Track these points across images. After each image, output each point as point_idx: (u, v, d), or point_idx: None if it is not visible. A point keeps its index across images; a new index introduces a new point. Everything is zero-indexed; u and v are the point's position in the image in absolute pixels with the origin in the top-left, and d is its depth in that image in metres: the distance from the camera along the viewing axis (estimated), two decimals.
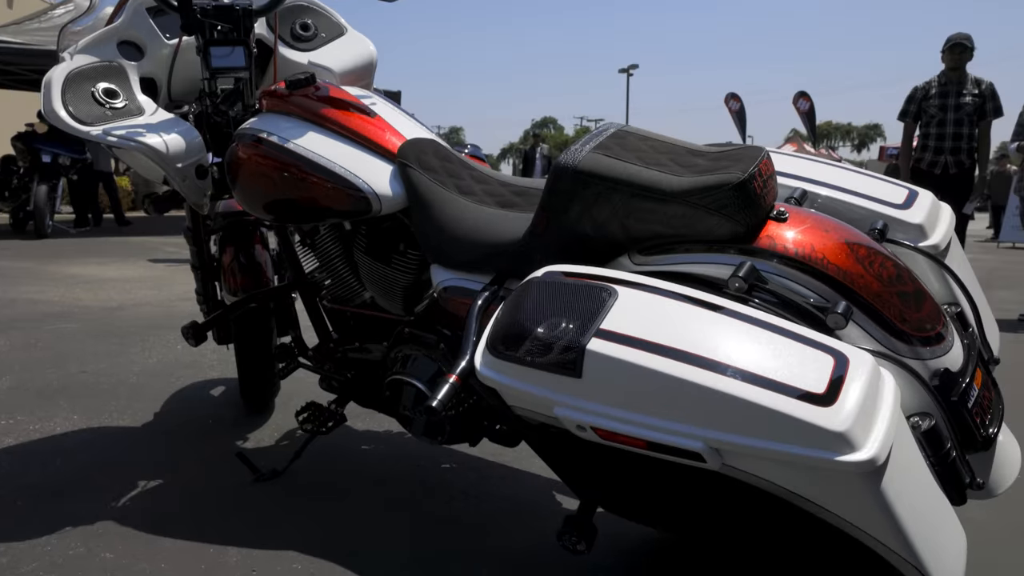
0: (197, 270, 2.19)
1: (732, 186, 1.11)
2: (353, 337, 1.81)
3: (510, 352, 1.08)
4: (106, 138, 1.57)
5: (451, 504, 1.75)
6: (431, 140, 1.63)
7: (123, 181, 12.16)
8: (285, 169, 1.57)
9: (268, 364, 2.22)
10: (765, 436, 0.90)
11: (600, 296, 1.07)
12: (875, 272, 1.10)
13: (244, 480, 1.83)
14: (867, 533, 0.91)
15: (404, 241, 1.66)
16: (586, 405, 1.01)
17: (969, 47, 4.68)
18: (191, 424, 2.24)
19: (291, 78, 1.64)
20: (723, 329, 0.99)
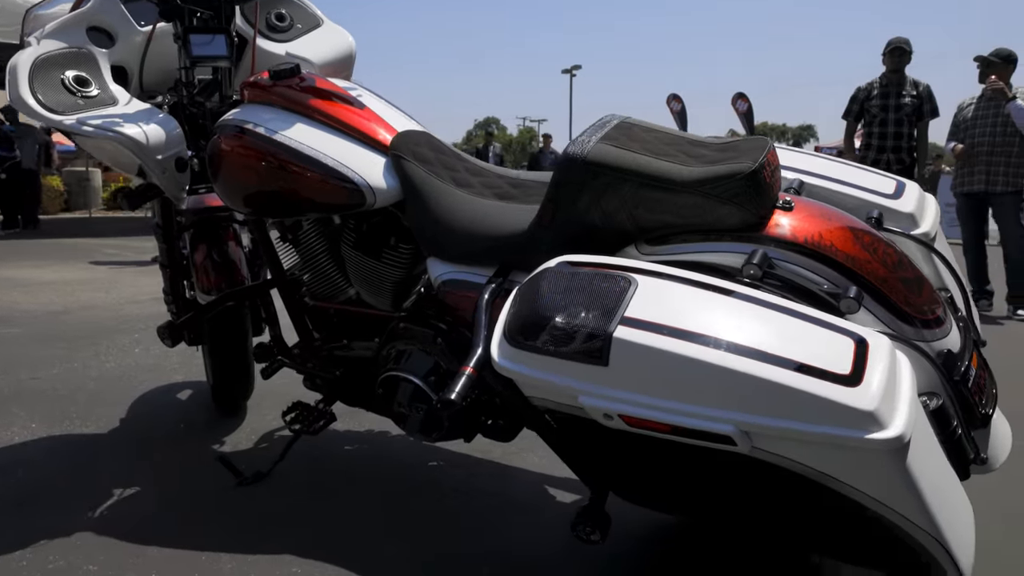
0: (166, 268, 2.10)
1: (744, 175, 1.13)
2: (339, 334, 1.77)
3: (530, 342, 1.07)
4: (81, 128, 1.48)
5: (443, 502, 1.72)
6: (424, 132, 1.60)
7: (54, 180, 11.58)
8: (273, 161, 1.52)
9: (243, 365, 2.15)
10: (796, 417, 0.91)
11: (619, 284, 1.08)
12: (880, 258, 1.14)
13: (226, 484, 1.77)
14: (892, 509, 0.93)
15: (395, 235, 1.63)
16: (613, 393, 1.01)
17: (908, 51, 4.90)
18: (161, 429, 2.14)
19: (275, 68, 1.59)
20: (745, 314, 1.01)
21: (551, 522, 1.64)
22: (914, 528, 0.94)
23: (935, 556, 0.96)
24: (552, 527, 1.61)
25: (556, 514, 1.68)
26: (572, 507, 1.71)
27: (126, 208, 1.78)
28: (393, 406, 1.57)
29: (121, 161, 1.65)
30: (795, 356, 0.94)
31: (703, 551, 1.50)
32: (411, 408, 1.54)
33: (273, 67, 1.60)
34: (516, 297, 1.17)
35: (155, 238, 2.06)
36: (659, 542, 1.55)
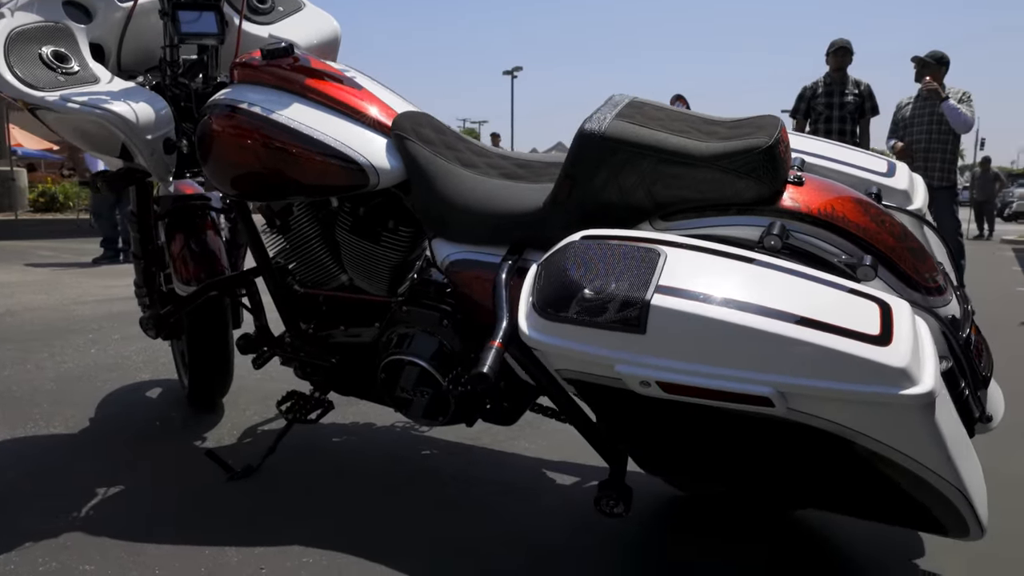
0: (139, 259, 2.01)
1: (761, 150, 1.16)
2: (332, 322, 1.73)
3: (563, 314, 1.07)
4: (65, 105, 1.41)
5: (444, 490, 1.71)
6: (425, 113, 1.58)
7: None
8: (271, 142, 1.48)
9: (224, 359, 2.08)
10: (834, 377, 0.95)
11: (648, 256, 1.09)
12: (888, 229, 1.19)
13: (217, 479, 1.70)
14: (921, 464, 0.98)
15: (393, 218, 1.60)
16: (651, 360, 1.02)
17: (850, 51, 5.12)
18: (135, 427, 2.05)
19: (268, 48, 1.55)
20: (774, 281, 1.03)
21: (552, 506, 1.64)
22: (940, 481, 0.99)
23: (957, 507, 1.00)
24: (553, 511, 1.61)
25: (556, 498, 1.68)
26: (572, 490, 1.72)
27: (106, 192, 1.69)
28: (396, 391, 1.55)
29: (101, 142, 1.57)
30: (828, 319, 0.98)
31: (703, 534, 1.53)
32: (416, 392, 1.52)
33: (265, 47, 1.56)
34: (541, 272, 1.17)
35: (128, 227, 1.97)
36: (664, 521, 1.57)
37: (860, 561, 1.39)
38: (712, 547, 1.43)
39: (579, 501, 1.66)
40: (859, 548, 1.44)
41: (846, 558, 1.41)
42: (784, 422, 1.02)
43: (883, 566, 1.37)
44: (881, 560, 1.40)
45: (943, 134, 4.72)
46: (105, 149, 1.62)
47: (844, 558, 1.41)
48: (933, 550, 1.42)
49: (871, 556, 1.41)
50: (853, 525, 1.51)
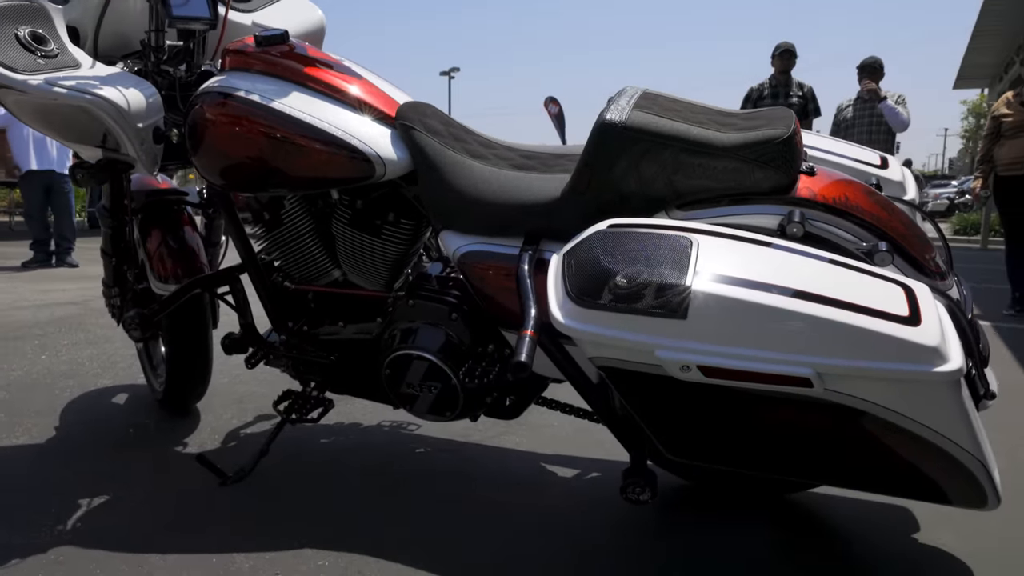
0: (110, 256, 1.91)
1: (781, 140, 1.19)
2: (326, 318, 1.68)
3: (600, 301, 1.08)
4: (51, 89, 1.32)
5: (446, 487, 1.68)
6: (428, 104, 1.56)
7: None
8: (271, 132, 1.43)
9: (204, 361, 1.99)
10: (870, 357, 0.98)
11: (681, 243, 1.11)
12: (898, 217, 1.24)
13: (209, 486, 1.63)
14: (947, 437, 1.02)
15: (394, 210, 1.57)
16: (692, 345, 1.04)
17: (794, 54, 5.32)
18: (108, 435, 1.94)
19: (261, 35, 1.49)
20: (804, 266, 1.07)
21: (556, 500, 1.64)
22: (963, 453, 1.03)
23: (978, 478, 1.05)
24: (558, 505, 1.62)
25: (559, 492, 1.68)
26: (574, 484, 1.73)
27: (87, 185, 1.59)
28: (401, 387, 1.52)
29: (80, 130, 1.47)
30: (861, 301, 1.01)
31: (705, 520, 1.56)
32: (423, 387, 1.49)
33: (259, 33, 1.50)
34: (570, 261, 1.17)
35: (100, 221, 1.86)
36: (670, 510, 1.60)
37: (858, 541, 1.45)
38: (716, 531, 1.47)
39: (583, 494, 1.67)
40: (854, 527, 1.50)
41: (845, 540, 1.46)
42: (816, 402, 1.05)
43: (878, 543, 1.44)
44: (877, 538, 1.46)
45: (882, 134, 4.97)
46: (81, 138, 1.53)
47: (843, 539, 1.46)
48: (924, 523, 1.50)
49: (866, 535, 1.47)
50: (847, 504, 1.57)
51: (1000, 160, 4.26)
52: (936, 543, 1.42)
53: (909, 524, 1.50)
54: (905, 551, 1.40)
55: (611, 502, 1.61)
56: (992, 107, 4.50)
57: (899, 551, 1.40)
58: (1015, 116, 4.19)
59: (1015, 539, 1.43)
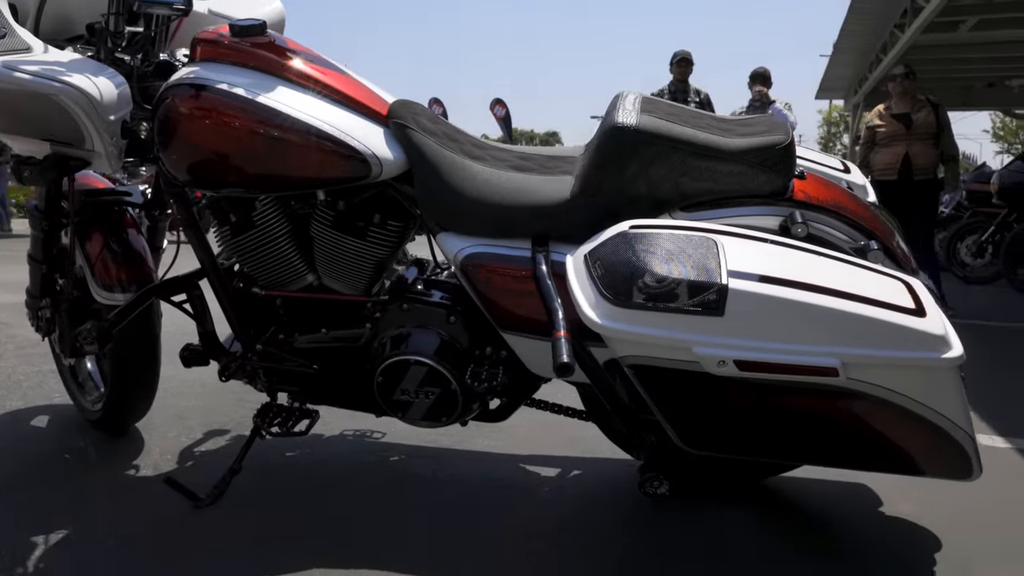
0: (39, 263, 1.71)
1: (784, 146, 1.27)
2: (306, 325, 1.59)
3: (638, 300, 1.10)
4: (11, 75, 1.16)
5: (434, 492, 1.65)
6: (418, 103, 1.52)
7: None
8: (258, 129, 1.34)
9: (152, 376, 1.82)
10: (889, 346, 1.07)
11: (705, 243, 1.15)
12: (876, 217, 1.36)
13: (182, 510, 1.50)
14: (946, 417, 1.13)
15: (380, 211, 1.52)
16: (729, 341, 1.09)
17: (691, 62, 5.62)
18: (41, 464, 1.74)
19: (238, 24, 1.40)
20: (822, 263, 1.14)
21: (548, 497, 1.66)
22: (957, 431, 1.14)
23: (968, 453, 1.17)
24: (551, 502, 1.64)
25: (546, 492, 1.70)
26: (560, 481, 1.75)
27: (37, 183, 1.42)
28: (395, 395, 1.48)
29: (29, 121, 1.31)
30: (875, 296, 1.10)
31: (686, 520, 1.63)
32: (420, 393, 1.46)
33: (234, 22, 1.40)
34: (596, 262, 1.19)
35: (30, 224, 1.66)
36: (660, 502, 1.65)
37: (834, 519, 1.57)
38: (701, 519, 1.54)
39: (569, 492, 1.70)
40: (826, 507, 1.62)
41: (821, 518, 1.58)
42: (835, 390, 1.12)
43: (851, 519, 1.56)
44: (848, 514, 1.59)
45: None
46: (27, 129, 1.37)
47: (820, 518, 1.58)
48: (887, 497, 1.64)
49: (838, 512, 1.60)
50: (815, 486, 1.69)
51: (875, 166, 4.71)
52: (900, 514, 1.56)
53: (872, 499, 1.63)
54: (875, 524, 1.53)
55: (598, 498, 1.64)
56: (867, 118, 4.97)
57: (870, 525, 1.53)
58: (887, 126, 4.65)
59: (969, 507, 1.58)
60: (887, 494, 1.64)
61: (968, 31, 7.84)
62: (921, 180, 4.48)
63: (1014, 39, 8.13)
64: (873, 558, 1.40)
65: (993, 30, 7.83)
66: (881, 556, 1.41)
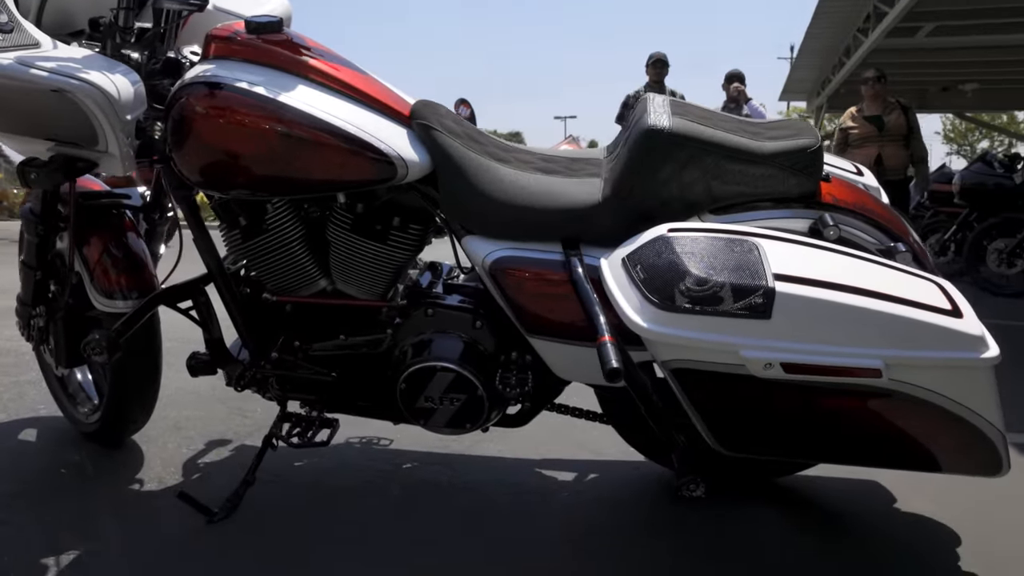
0: (33, 269, 1.63)
1: (815, 149, 1.28)
2: (319, 332, 1.55)
3: (686, 304, 1.10)
4: (27, 71, 1.10)
5: (454, 499, 1.62)
6: (439, 103, 1.49)
7: None
8: (280, 129, 1.30)
9: (154, 385, 1.75)
10: (931, 347, 1.08)
11: (746, 246, 1.15)
12: (900, 219, 1.38)
13: (196, 525, 1.45)
14: (980, 415, 1.14)
15: (399, 214, 1.48)
16: (776, 344, 1.09)
17: (667, 63, 5.68)
18: (38, 480, 1.66)
19: (253, 19, 1.35)
20: (860, 266, 1.15)
21: (570, 501, 1.65)
22: (991, 429, 1.16)
23: (999, 450, 1.19)
24: (577, 505, 1.63)
25: (569, 494, 1.69)
26: (579, 485, 1.74)
27: (42, 187, 1.34)
28: (418, 402, 1.45)
29: (36, 121, 1.25)
30: (914, 297, 1.11)
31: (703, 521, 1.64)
32: (445, 400, 1.43)
33: (249, 18, 1.35)
34: (636, 265, 1.18)
35: (24, 228, 1.59)
36: None
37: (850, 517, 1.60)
38: (717, 520, 1.54)
39: (589, 495, 1.69)
40: (841, 505, 1.65)
41: (837, 518, 1.60)
42: (875, 391, 1.13)
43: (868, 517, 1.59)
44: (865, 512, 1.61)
45: None
46: (28, 129, 1.30)
47: (836, 517, 1.60)
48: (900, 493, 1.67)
49: (854, 510, 1.62)
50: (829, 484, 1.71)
51: None
52: (916, 510, 1.59)
53: (886, 496, 1.66)
54: (893, 521, 1.56)
55: (617, 501, 1.64)
56: (840, 120, 5.09)
57: (889, 522, 1.55)
58: (860, 128, 4.77)
59: (982, 501, 1.61)
60: (900, 490, 1.67)
61: (925, 36, 8.10)
62: (892, 180, 4.60)
63: (968, 45, 8.44)
64: (895, 554, 1.42)
65: (948, 36, 8.11)
66: (903, 552, 1.43)
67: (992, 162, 5.83)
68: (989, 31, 7.85)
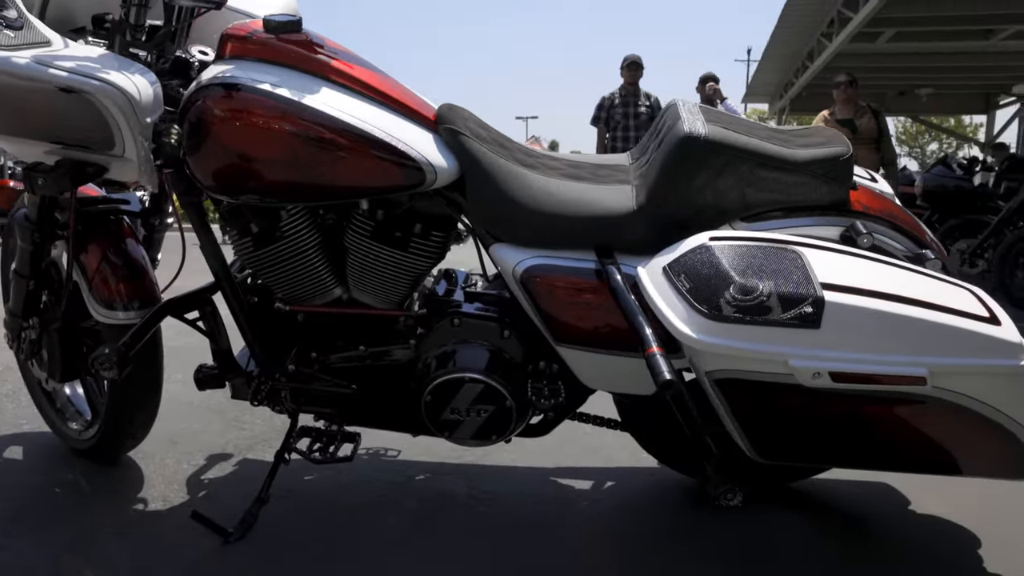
0: (26, 279, 1.54)
1: (847, 157, 1.29)
2: (334, 342, 1.50)
3: (736, 315, 1.09)
4: (46, 71, 1.03)
5: (472, 512, 1.59)
6: (463, 107, 1.45)
7: None
8: (307, 134, 1.25)
9: (155, 398, 1.67)
10: (974, 354, 1.09)
11: (789, 255, 1.15)
12: (922, 226, 1.40)
13: (211, 546, 1.39)
14: (1016, 421, 1.16)
15: (422, 222, 1.44)
16: (825, 353, 1.08)
17: (641, 66, 5.72)
18: (31, 499, 1.57)
19: (273, 19, 1.29)
20: (899, 274, 1.16)
21: (594, 510, 1.63)
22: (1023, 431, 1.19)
23: None
24: (600, 514, 1.61)
25: (591, 502, 1.67)
26: (599, 493, 1.72)
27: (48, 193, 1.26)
28: (444, 414, 1.41)
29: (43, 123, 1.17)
30: (954, 305, 1.12)
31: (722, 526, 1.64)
32: (472, 412, 1.40)
33: (268, 17, 1.30)
34: (680, 275, 1.16)
35: (18, 236, 1.50)
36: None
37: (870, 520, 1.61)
38: (736, 524, 1.55)
39: (609, 502, 1.67)
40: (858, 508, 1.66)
41: (855, 521, 1.62)
42: (918, 399, 1.14)
43: (886, 520, 1.61)
44: (882, 514, 1.63)
45: None
46: (30, 131, 1.22)
47: (854, 521, 1.62)
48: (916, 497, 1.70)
49: (871, 513, 1.64)
50: (842, 487, 1.73)
51: None
52: (932, 512, 1.62)
53: (900, 499, 1.69)
54: (910, 524, 1.58)
55: (637, 508, 1.63)
56: (813, 123, 5.19)
57: (906, 525, 1.57)
58: None
59: (996, 502, 1.64)
60: (913, 493, 1.69)
61: (886, 42, 8.34)
62: None
63: (925, 51, 8.71)
64: (916, 557, 1.44)
65: (907, 42, 8.36)
66: (922, 554, 1.45)
67: (952, 165, 6.03)
68: (944, 38, 8.12)
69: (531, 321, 1.38)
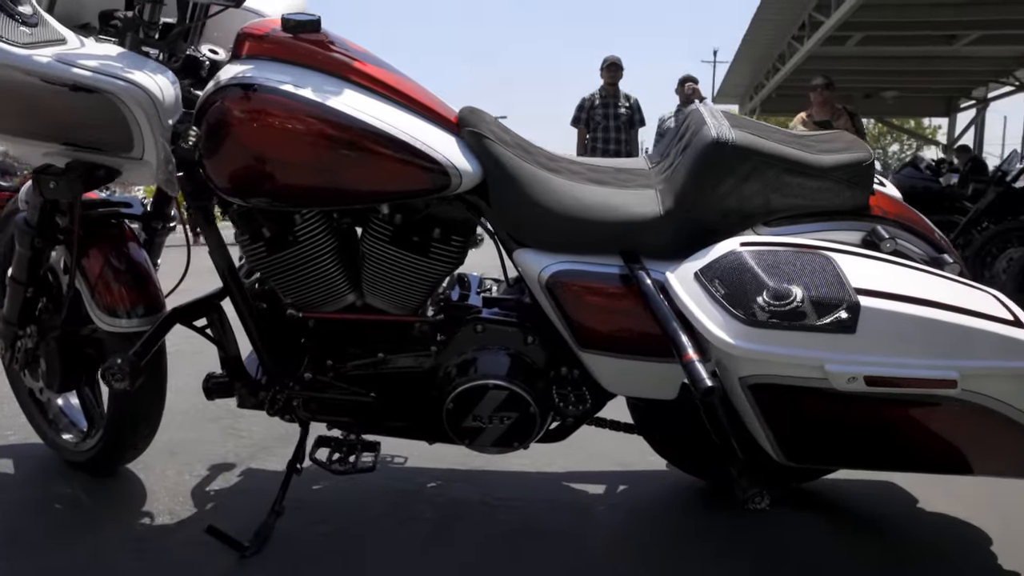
0: (23, 286, 1.48)
1: (869, 163, 1.30)
2: (349, 349, 1.47)
3: (768, 320, 1.09)
4: (69, 70, 0.98)
5: (491, 519, 1.57)
6: (484, 110, 1.43)
7: None
8: (327, 135, 1.22)
9: (159, 408, 1.62)
10: (1002, 357, 1.11)
11: (820, 260, 1.16)
12: (936, 230, 1.42)
13: (223, 561, 1.34)
14: None
15: (441, 226, 1.42)
16: (860, 358, 1.09)
17: (621, 67, 5.76)
18: (33, 516, 1.52)
19: (292, 17, 1.26)
20: (926, 279, 1.18)
21: (610, 516, 1.63)
22: None
23: None
24: (617, 521, 1.61)
25: (605, 508, 1.67)
26: (613, 498, 1.72)
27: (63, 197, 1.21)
28: (466, 421, 1.39)
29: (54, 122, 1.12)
30: (980, 308, 1.14)
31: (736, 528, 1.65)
32: (495, 419, 1.38)
33: (286, 15, 1.26)
34: (714, 280, 1.16)
35: (16, 241, 1.43)
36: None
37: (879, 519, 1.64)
38: (750, 525, 1.56)
39: (625, 507, 1.67)
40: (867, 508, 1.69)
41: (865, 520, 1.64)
42: (946, 401, 1.15)
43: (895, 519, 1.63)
44: (891, 513, 1.66)
45: None
46: (37, 132, 1.17)
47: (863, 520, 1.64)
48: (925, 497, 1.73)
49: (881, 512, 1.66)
50: (850, 486, 1.75)
51: None
52: (939, 510, 1.65)
53: (908, 498, 1.71)
54: (919, 522, 1.61)
55: (653, 513, 1.63)
56: (791, 125, 5.27)
57: (915, 524, 1.60)
58: None
59: (1001, 493, 1.67)
60: (921, 492, 1.72)
61: (854, 46, 8.53)
62: None
63: (891, 55, 8.94)
64: (927, 555, 1.46)
65: (875, 46, 8.56)
66: (933, 552, 1.48)
67: (920, 166, 6.18)
68: (910, 43, 8.35)
69: (552, 326, 1.36)
